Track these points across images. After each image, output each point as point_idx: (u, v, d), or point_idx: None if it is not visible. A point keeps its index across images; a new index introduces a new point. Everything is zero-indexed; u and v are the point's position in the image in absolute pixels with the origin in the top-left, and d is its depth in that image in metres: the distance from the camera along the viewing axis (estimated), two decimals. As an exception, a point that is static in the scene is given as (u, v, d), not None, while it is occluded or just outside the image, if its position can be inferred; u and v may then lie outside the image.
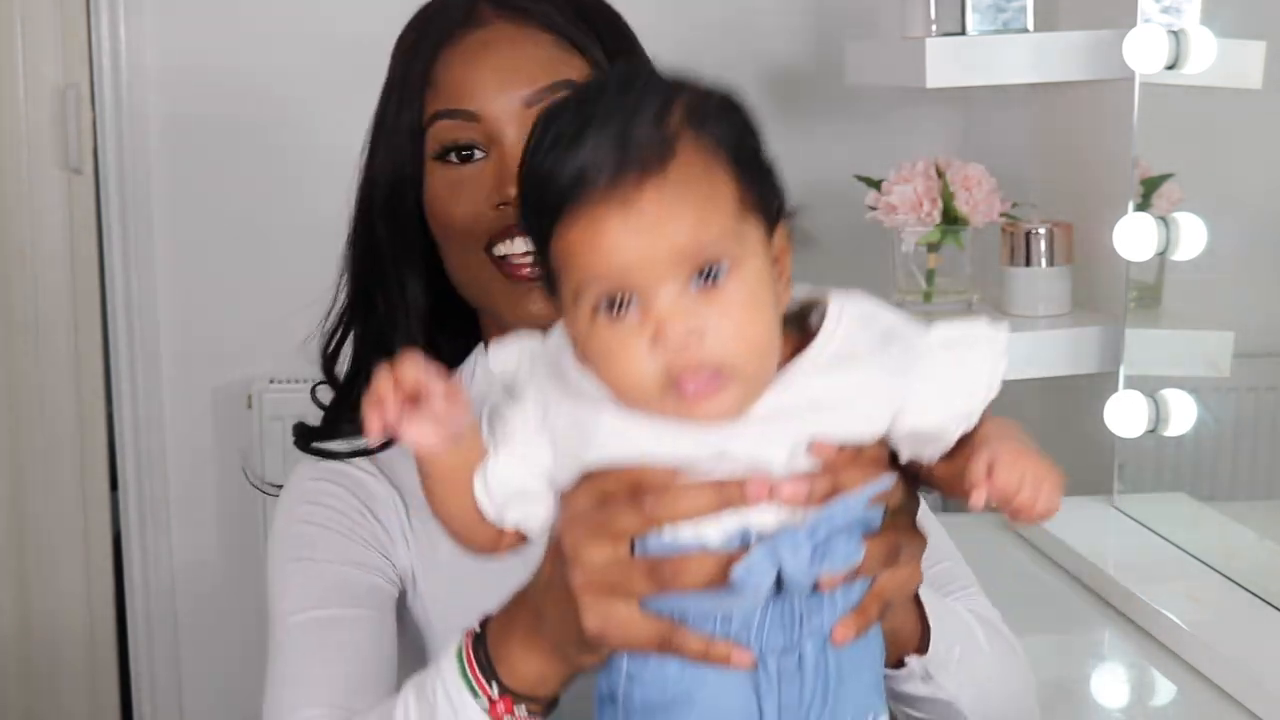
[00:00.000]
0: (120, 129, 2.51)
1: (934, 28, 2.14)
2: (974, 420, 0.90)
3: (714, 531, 0.87)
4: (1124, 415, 1.91)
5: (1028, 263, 2.13)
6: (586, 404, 0.89)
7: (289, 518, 1.23)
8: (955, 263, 2.19)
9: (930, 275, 2.19)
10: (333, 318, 1.28)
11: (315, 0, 2.54)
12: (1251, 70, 1.83)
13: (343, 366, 1.29)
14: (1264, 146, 1.84)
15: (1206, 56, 1.82)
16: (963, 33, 2.09)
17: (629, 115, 0.86)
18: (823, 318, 0.91)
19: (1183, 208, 1.88)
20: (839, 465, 0.88)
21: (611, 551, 0.89)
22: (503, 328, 1.15)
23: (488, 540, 0.95)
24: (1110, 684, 1.60)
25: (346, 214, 2.95)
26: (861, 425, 0.89)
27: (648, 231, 0.84)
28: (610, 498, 0.88)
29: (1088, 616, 1.71)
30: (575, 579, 0.89)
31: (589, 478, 0.90)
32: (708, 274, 0.85)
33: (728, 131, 0.88)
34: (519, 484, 0.91)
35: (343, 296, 1.28)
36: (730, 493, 0.86)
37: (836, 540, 0.86)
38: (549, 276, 0.90)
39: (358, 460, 1.24)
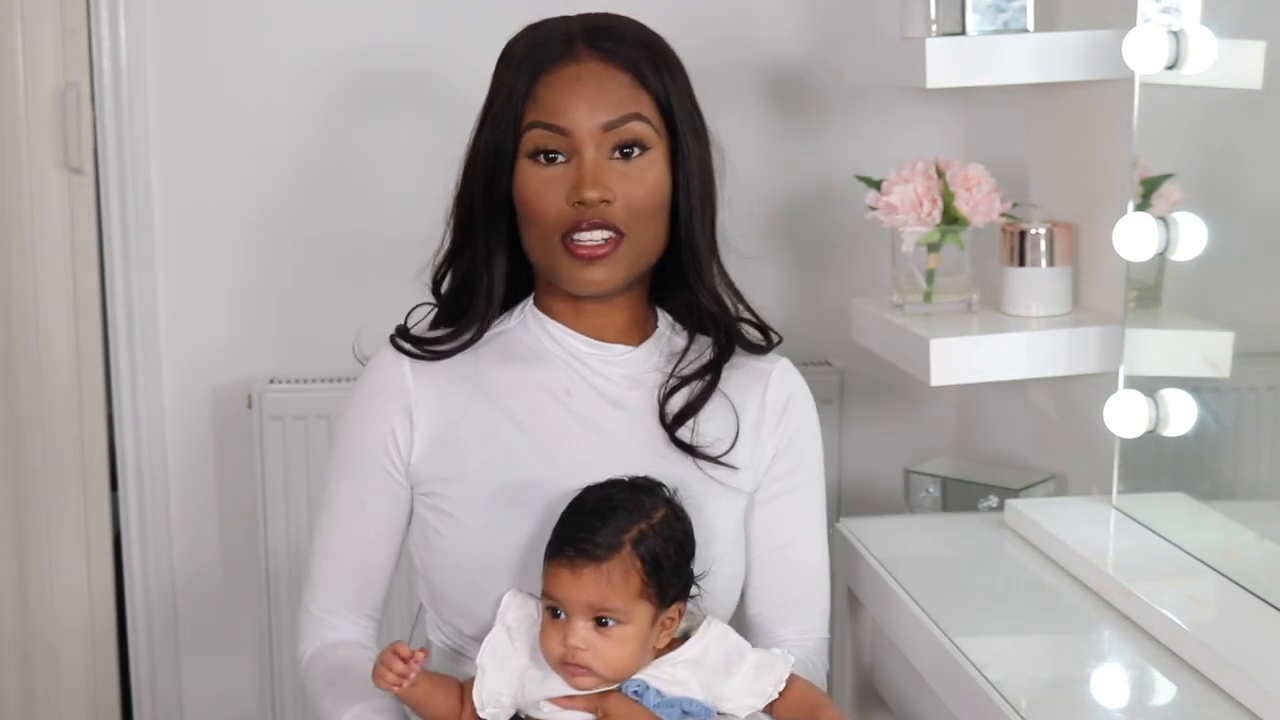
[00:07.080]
0: (120, 129, 2.51)
1: (934, 28, 2.15)
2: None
3: None
4: (1124, 415, 1.91)
5: (1028, 263, 2.13)
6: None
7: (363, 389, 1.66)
8: (955, 263, 2.19)
9: (930, 275, 2.19)
10: (440, 257, 1.67)
11: (315, 2, 2.54)
12: (1251, 70, 1.82)
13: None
14: (1264, 146, 1.84)
15: (1206, 56, 1.81)
16: (963, 33, 2.09)
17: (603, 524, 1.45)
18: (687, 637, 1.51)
19: (1183, 208, 1.88)
20: None
21: None
22: (553, 286, 1.62)
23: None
24: (1110, 684, 1.60)
25: (345, 215, 2.95)
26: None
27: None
28: None
29: (1088, 616, 1.71)
30: None
31: None
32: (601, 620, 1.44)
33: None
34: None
35: (448, 242, 1.66)
36: None
37: None
38: None
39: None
